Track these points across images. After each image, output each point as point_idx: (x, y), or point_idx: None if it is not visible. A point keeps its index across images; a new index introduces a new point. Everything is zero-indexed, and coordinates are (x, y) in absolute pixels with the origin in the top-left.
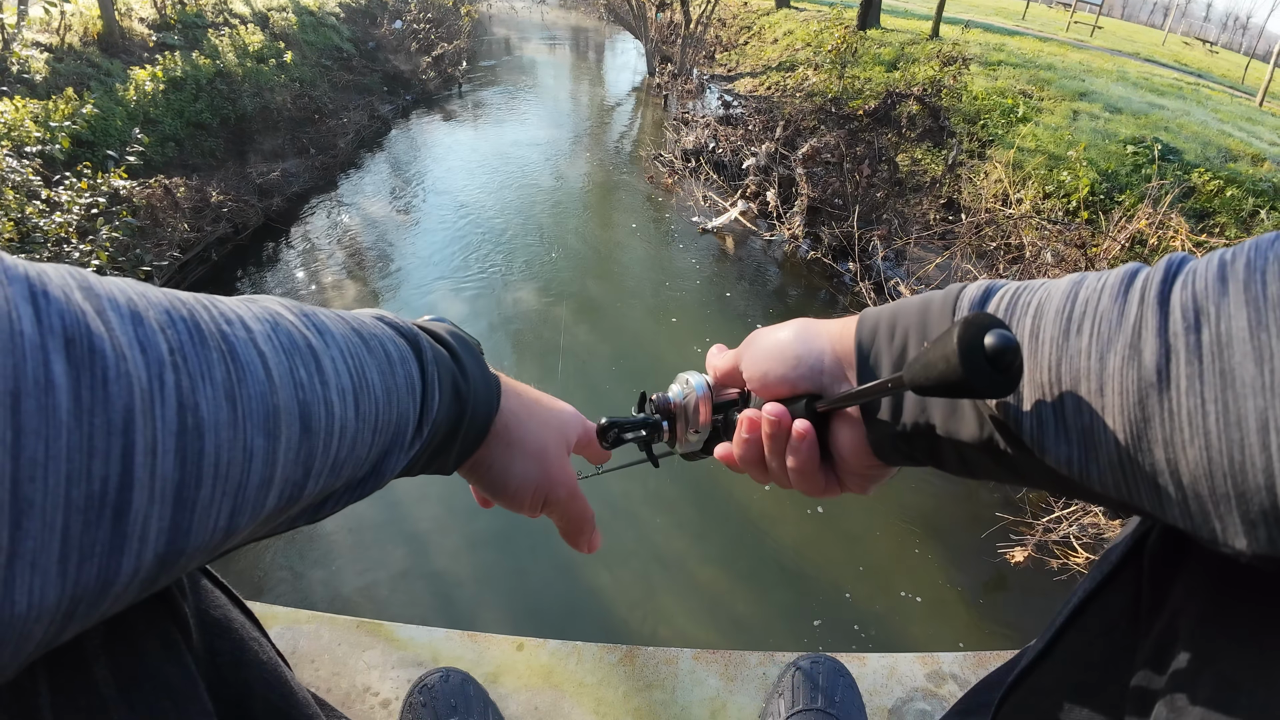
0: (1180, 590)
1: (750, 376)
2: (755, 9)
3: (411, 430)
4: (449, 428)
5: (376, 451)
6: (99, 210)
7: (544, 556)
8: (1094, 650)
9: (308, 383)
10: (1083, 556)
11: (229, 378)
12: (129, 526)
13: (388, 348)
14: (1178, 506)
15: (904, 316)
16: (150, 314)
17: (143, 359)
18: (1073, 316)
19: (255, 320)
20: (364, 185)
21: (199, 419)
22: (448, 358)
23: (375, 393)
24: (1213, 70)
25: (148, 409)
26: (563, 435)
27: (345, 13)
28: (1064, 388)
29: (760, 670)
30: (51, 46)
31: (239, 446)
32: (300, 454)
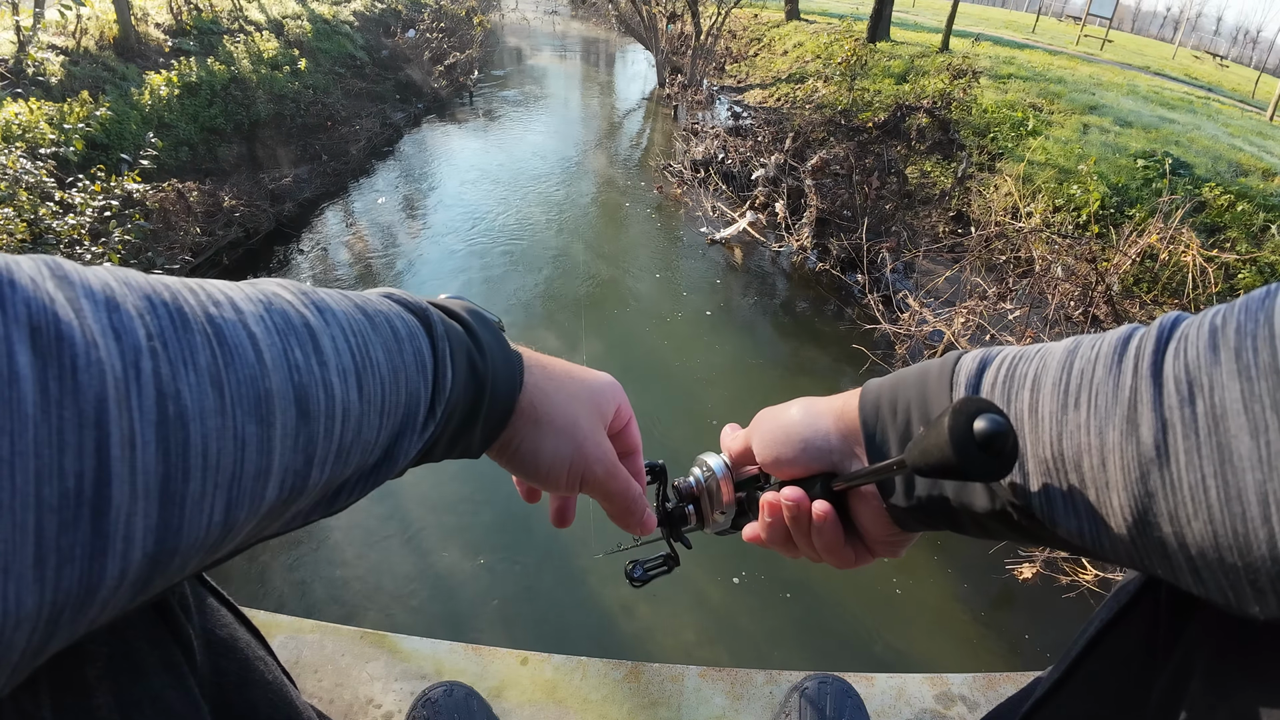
0: (1197, 625)
1: (763, 461)
2: (765, 21)
3: (424, 411)
4: (467, 408)
5: (387, 435)
6: (112, 213)
7: (549, 569)
8: (1110, 683)
9: (304, 364)
10: (1092, 574)
11: (214, 362)
12: (110, 525)
13: (394, 324)
14: (1190, 575)
15: (904, 390)
16: (128, 300)
17: (116, 346)
18: (1069, 389)
19: (247, 301)
20: (375, 192)
21: (181, 407)
22: (462, 333)
23: (381, 372)
24: (1223, 84)
25: (123, 398)
26: (596, 408)
27: (359, 21)
28: (1067, 463)
29: (767, 689)
30: (67, 50)
31: (229, 435)
32: (299, 440)
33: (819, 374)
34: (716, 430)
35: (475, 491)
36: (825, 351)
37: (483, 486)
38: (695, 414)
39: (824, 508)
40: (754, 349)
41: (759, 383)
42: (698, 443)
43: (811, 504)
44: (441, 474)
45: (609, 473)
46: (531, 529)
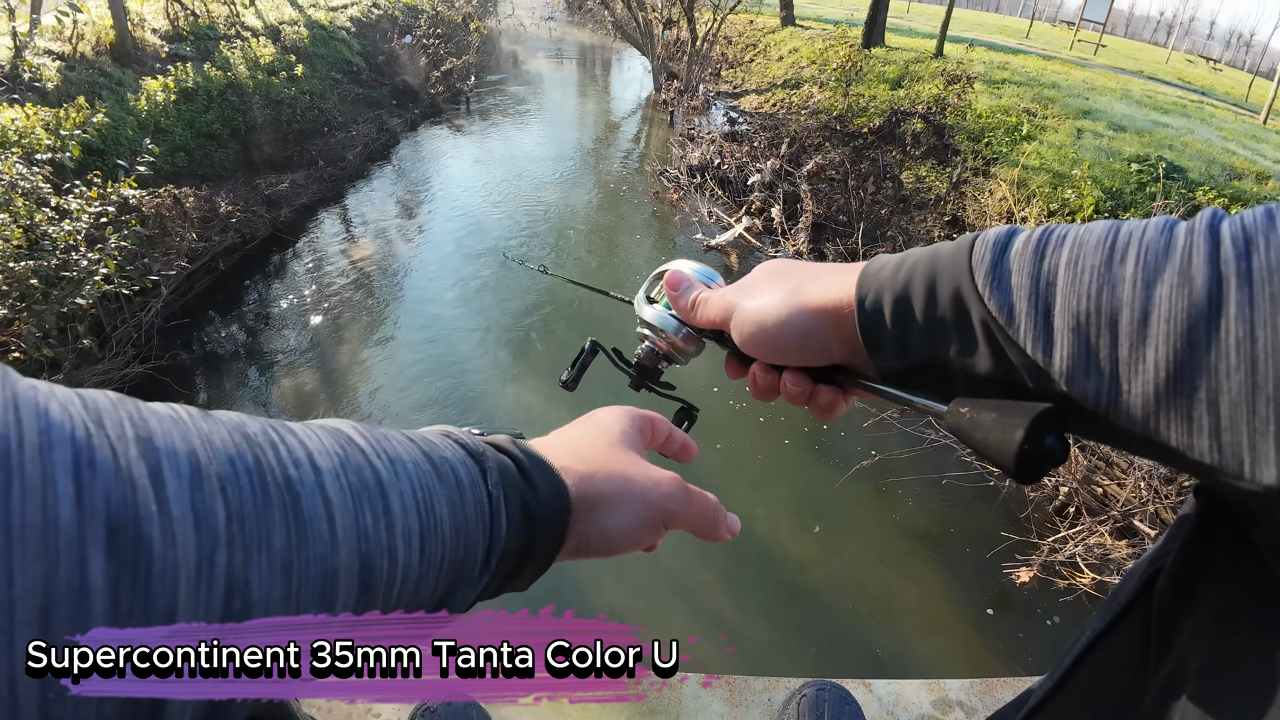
0: (1189, 634)
1: (758, 356)
2: (761, 27)
3: (479, 565)
4: (520, 553)
5: (441, 592)
6: (108, 219)
7: (549, 579)
8: (1102, 692)
9: (373, 530)
10: (1089, 577)
11: (288, 544)
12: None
13: (458, 473)
14: (1209, 438)
15: (915, 282)
16: (212, 469)
17: (195, 537)
18: (1116, 245)
19: (324, 456)
20: (371, 197)
21: (248, 601)
22: (515, 473)
23: (444, 530)
24: (1216, 88)
25: (191, 601)
26: (631, 445)
27: (356, 27)
28: (1103, 317)
29: (765, 696)
30: (64, 55)
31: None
32: (357, 611)
33: None
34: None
35: None
36: None
37: None
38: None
39: (831, 396)
40: None
41: None
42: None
43: (815, 389)
44: None
45: (683, 500)
46: None
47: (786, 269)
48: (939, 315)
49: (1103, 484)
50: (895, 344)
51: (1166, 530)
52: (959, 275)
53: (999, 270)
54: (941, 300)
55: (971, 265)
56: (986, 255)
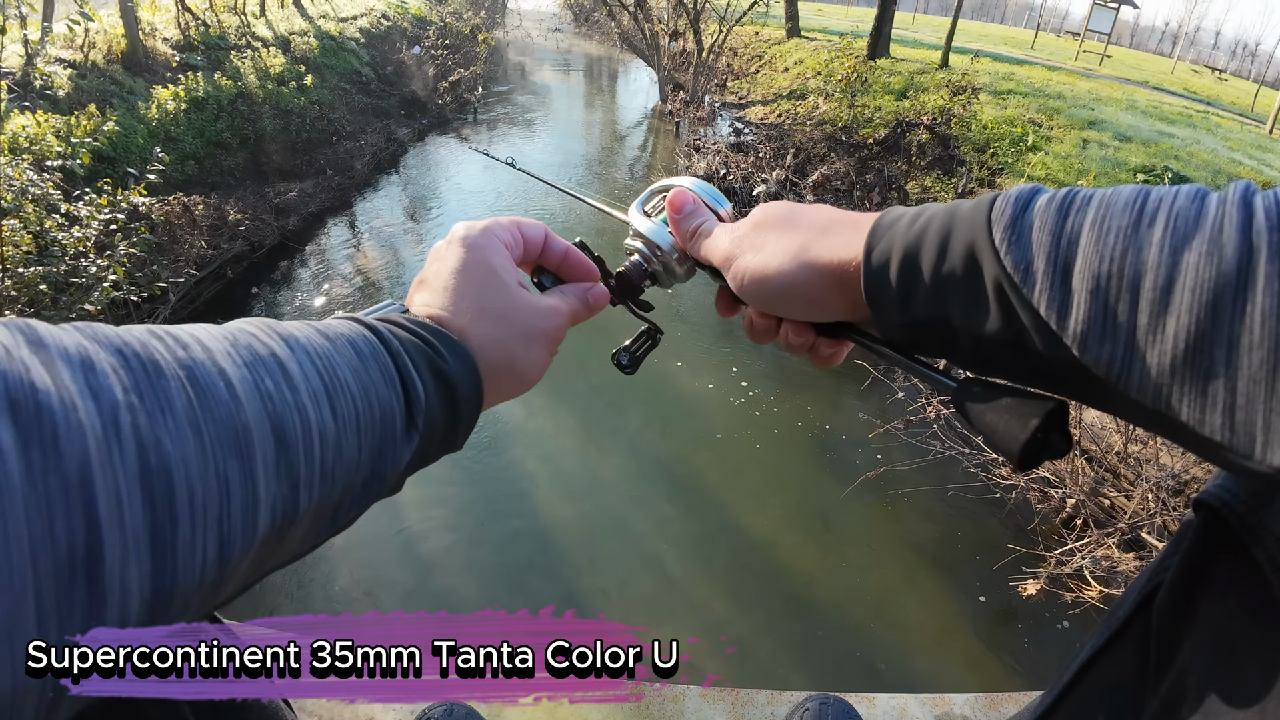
0: (1188, 650)
1: (757, 307)
2: (767, 38)
3: (401, 422)
4: (446, 415)
5: (369, 451)
6: (118, 226)
7: (550, 584)
8: (1102, 707)
9: (275, 392)
10: (1096, 590)
11: (190, 404)
12: (106, 582)
13: (356, 344)
14: (1223, 415)
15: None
16: (101, 357)
17: (95, 406)
18: (1145, 209)
19: (213, 339)
20: (379, 206)
21: (163, 455)
22: (418, 344)
23: (350, 390)
24: (1222, 98)
25: (105, 458)
26: (504, 290)
27: (365, 38)
28: (1124, 281)
29: (768, 709)
30: (75, 63)
31: (211, 475)
32: (280, 469)
33: (819, 388)
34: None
35: (478, 505)
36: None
37: (487, 500)
38: (697, 429)
39: (832, 349)
40: (754, 363)
41: (760, 397)
42: (697, 450)
43: (816, 340)
44: (444, 486)
45: (566, 321)
46: (535, 543)
47: (791, 217)
48: (948, 271)
49: (1110, 496)
50: (900, 301)
51: (1166, 545)
52: (975, 230)
53: (1019, 226)
54: (953, 255)
55: (990, 220)
56: (1007, 210)
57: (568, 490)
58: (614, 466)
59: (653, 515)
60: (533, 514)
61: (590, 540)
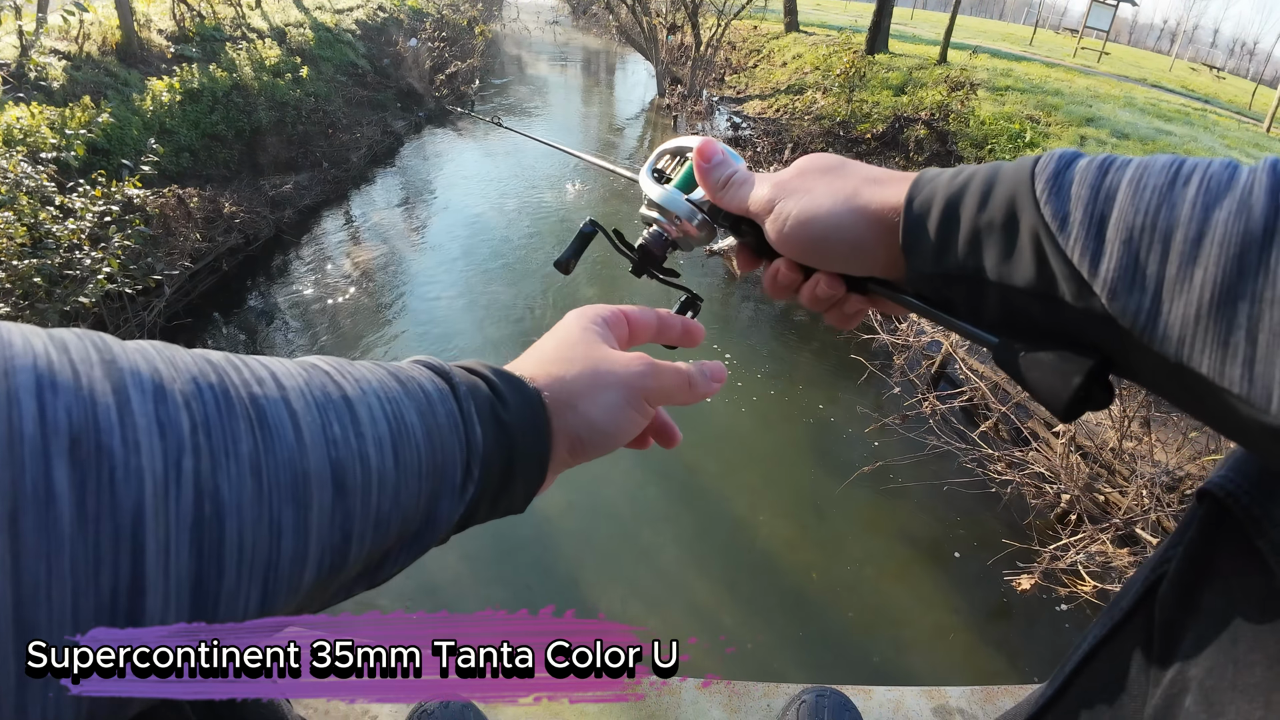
0: (1191, 642)
1: (793, 255)
2: (765, 33)
3: (460, 471)
4: (502, 462)
5: (425, 499)
6: (112, 218)
7: (546, 578)
8: (1104, 698)
9: (341, 438)
10: (1090, 585)
11: (255, 449)
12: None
13: (425, 387)
14: (1242, 366)
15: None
16: (176, 385)
17: (160, 445)
18: (1181, 172)
19: (288, 376)
20: (375, 199)
21: (219, 504)
22: (483, 387)
23: (416, 437)
24: (1220, 96)
25: (160, 504)
26: (589, 346)
27: (362, 30)
28: (1157, 233)
29: (765, 702)
30: (70, 55)
31: (264, 524)
32: (335, 518)
33: (817, 384)
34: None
35: None
36: (823, 361)
37: None
38: (694, 426)
39: (860, 304)
40: (752, 359)
41: (758, 393)
42: (691, 450)
43: (847, 297)
44: None
45: (655, 375)
46: (531, 537)
47: (838, 166)
48: (987, 219)
49: (1105, 492)
50: (936, 247)
51: (1169, 536)
52: (1018, 182)
53: (1060, 180)
54: (994, 204)
55: (1034, 173)
56: (1050, 165)
57: (560, 486)
58: (605, 461)
59: (648, 509)
60: (529, 513)
61: (586, 534)
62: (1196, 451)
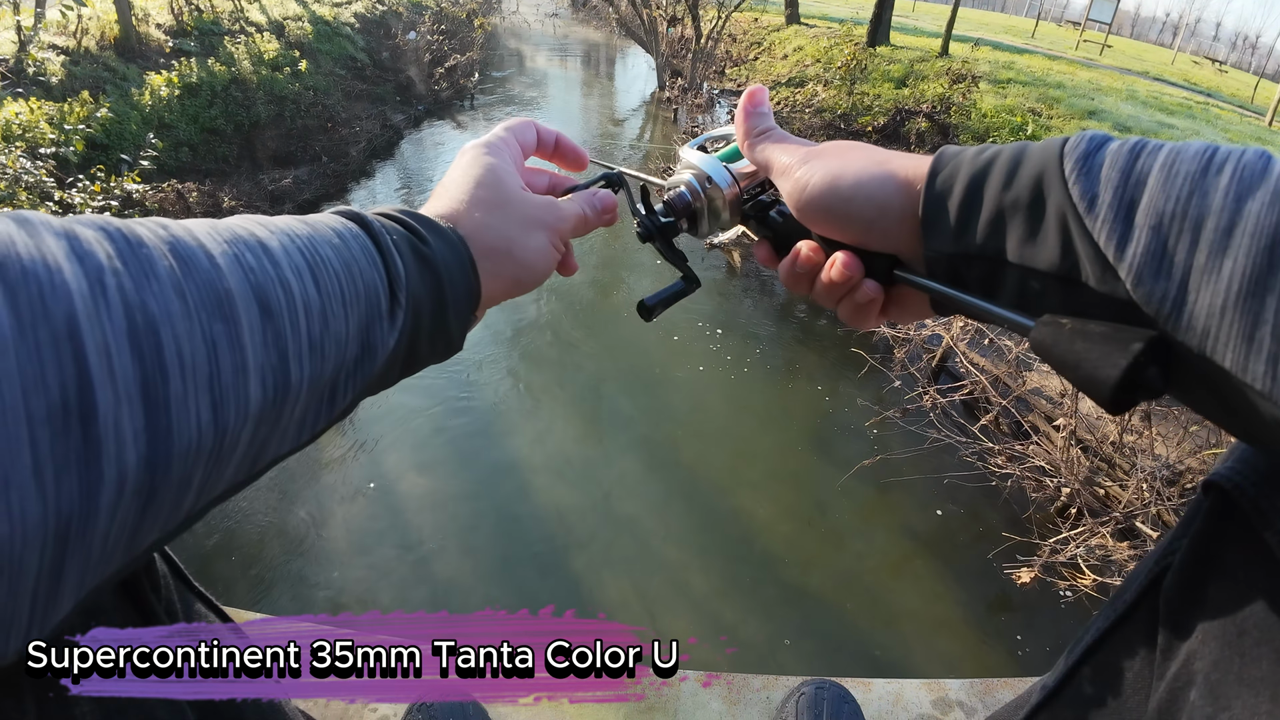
0: (1196, 634)
1: (815, 224)
2: (766, 25)
3: (385, 298)
4: (432, 294)
5: (356, 326)
6: (111, 213)
7: (546, 571)
8: (1106, 691)
9: (257, 266)
10: (1090, 578)
11: (173, 271)
12: (100, 429)
13: (334, 227)
14: (1266, 362)
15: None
16: (87, 231)
17: (80, 267)
18: (1214, 160)
19: (195, 223)
20: (375, 193)
21: (149, 315)
22: (398, 227)
23: (333, 265)
24: (1222, 89)
25: (92, 313)
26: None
27: (360, 23)
28: (1188, 220)
29: (764, 694)
30: (68, 50)
31: (198, 336)
32: (268, 336)
33: (818, 378)
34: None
35: (473, 493)
36: (824, 356)
37: (482, 489)
38: (694, 420)
39: (874, 292)
40: (753, 353)
41: (758, 387)
42: (693, 443)
43: (863, 281)
44: (443, 476)
45: (560, 214)
46: (531, 532)
47: (862, 145)
48: (1013, 199)
49: (1105, 485)
50: (958, 224)
51: (1174, 528)
52: (1047, 160)
53: (1090, 162)
54: (1020, 182)
55: (1063, 153)
56: (1081, 145)
57: (561, 479)
58: (607, 455)
59: (646, 501)
60: (528, 502)
61: (584, 527)
62: (1197, 445)
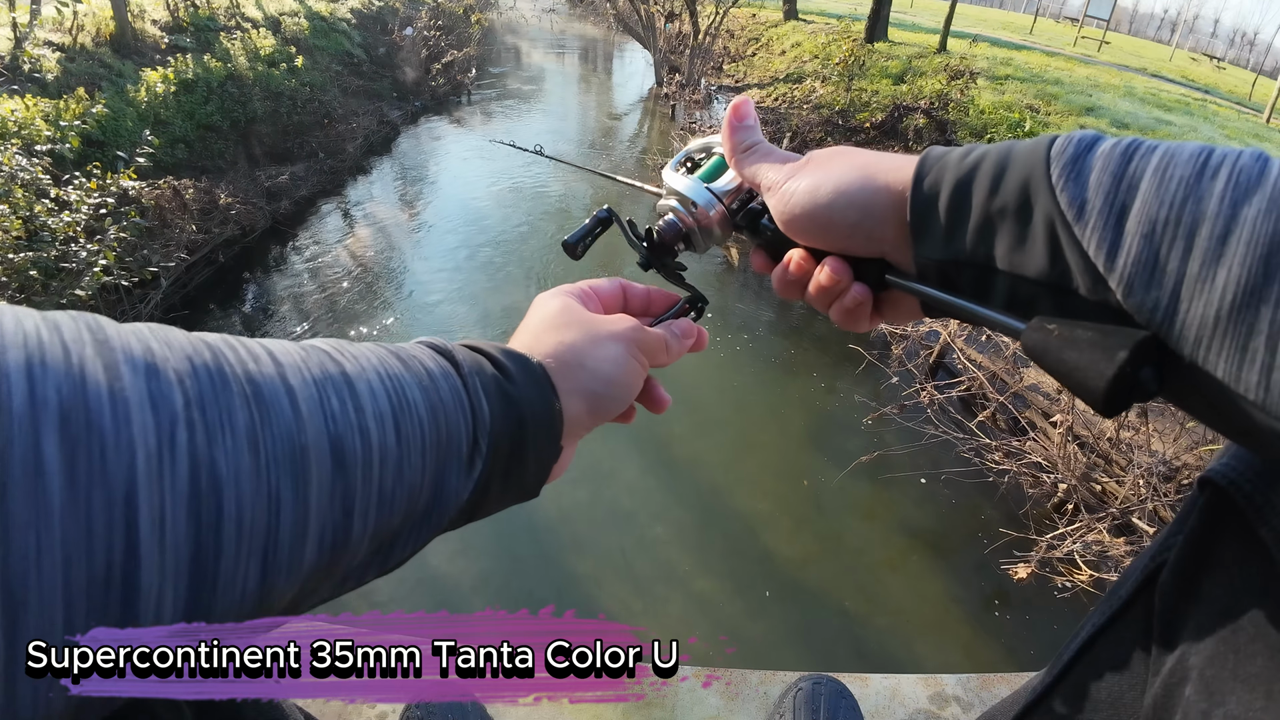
0: (1191, 630)
1: (800, 235)
2: (764, 21)
3: (467, 444)
4: (511, 438)
5: (431, 476)
6: (107, 210)
7: (544, 567)
8: (1102, 687)
9: (339, 412)
10: (1087, 574)
11: (252, 422)
12: (140, 605)
13: (427, 364)
14: (1260, 373)
15: (979, 178)
16: (169, 364)
17: (152, 419)
18: (1209, 164)
19: (285, 354)
20: (372, 190)
21: (215, 476)
22: (487, 363)
23: (419, 412)
24: (1220, 86)
25: (154, 475)
26: (574, 314)
27: (356, 19)
28: (1181, 228)
29: (761, 689)
30: (64, 46)
31: (263, 497)
32: (335, 492)
33: (815, 374)
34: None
35: None
36: (824, 351)
37: None
38: (693, 417)
39: (863, 296)
40: (751, 349)
41: (757, 383)
42: (690, 440)
43: (851, 285)
44: None
45: (643, 329)
46: (531, 529)
47: (847, 151)
48: (1000, 205)
49: (1102, 481)
50: (945, 232)
51: (1169, 524)
52: (1033, 165)
53: (1079, 165)
54: (1007, 188)
55: (1050, 156)
56: (1069, 149)
57: (560, 478)
58: (606, 453)
59: (646, 500)
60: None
61: (585, 524)
62: (1194, 441)
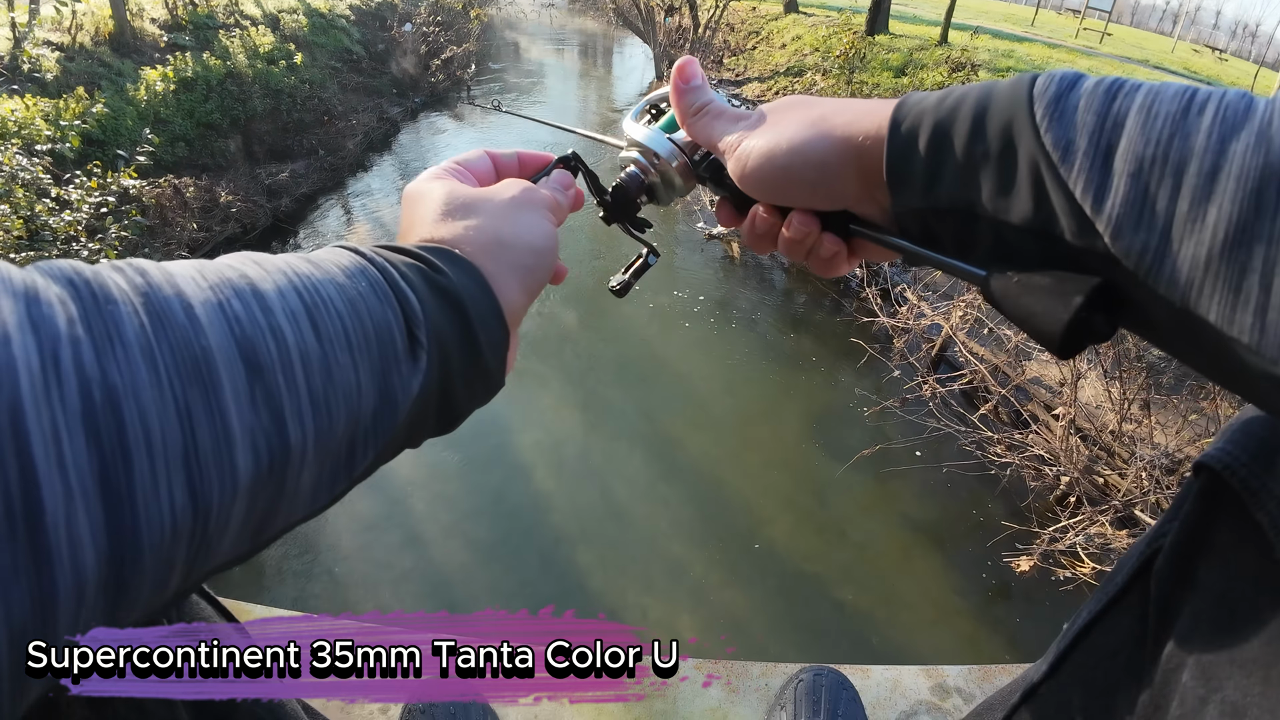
0: (1187, 616)
1: (760, 195)
2: (764, 14)
3: (401, 337)
4: (457, 329)
5: (367, 373)
6: (108, 209)
7: (546, 563)
8: (1099, 674)
9: (244, 314)
10: (1089, 567)
11: (144, 331)
12: (49, 533)
13: (341, 262)
14: (1254, 314)
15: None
16: (51, 289)
17: (33, 339)
18: (1195, 100)
19: (180, 266)
20: (372, 186)
21: (110, 389)
22: (408, 259)
23: (335, 307)
24: (1222, 78)
25: (41, 395)
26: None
27: (355, 15)
28: (1168, 166)
29: (762, 681)
30: (63, 46)
31: (169, 408)
32: (255, 397)
33: (818, 368)
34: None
35: (474, 492)
36: (824, 345)
37: (483, 487)
38: (693, 411)
39: (835, 247)
40: (753, 343)
41: (758, 378)
42: (693, 435)
43: (819, 237)
44: (444, 475)
45: (535, 189)
46: (531, 529)
47: (806, 101)
48: (982, 149)
49: (1104, 474)
50: (924, 178)
51: (1165, 511)
52: (1015, 106)
53: (1063, 104)
54: (989, 131)
55: (1032, 96)
56: (1051, 88)
57: (562, 473)
58: (608, 448)
59: (647, 493)
60: (531, 498)
61: (587, 518)
62: (1196, 434)
